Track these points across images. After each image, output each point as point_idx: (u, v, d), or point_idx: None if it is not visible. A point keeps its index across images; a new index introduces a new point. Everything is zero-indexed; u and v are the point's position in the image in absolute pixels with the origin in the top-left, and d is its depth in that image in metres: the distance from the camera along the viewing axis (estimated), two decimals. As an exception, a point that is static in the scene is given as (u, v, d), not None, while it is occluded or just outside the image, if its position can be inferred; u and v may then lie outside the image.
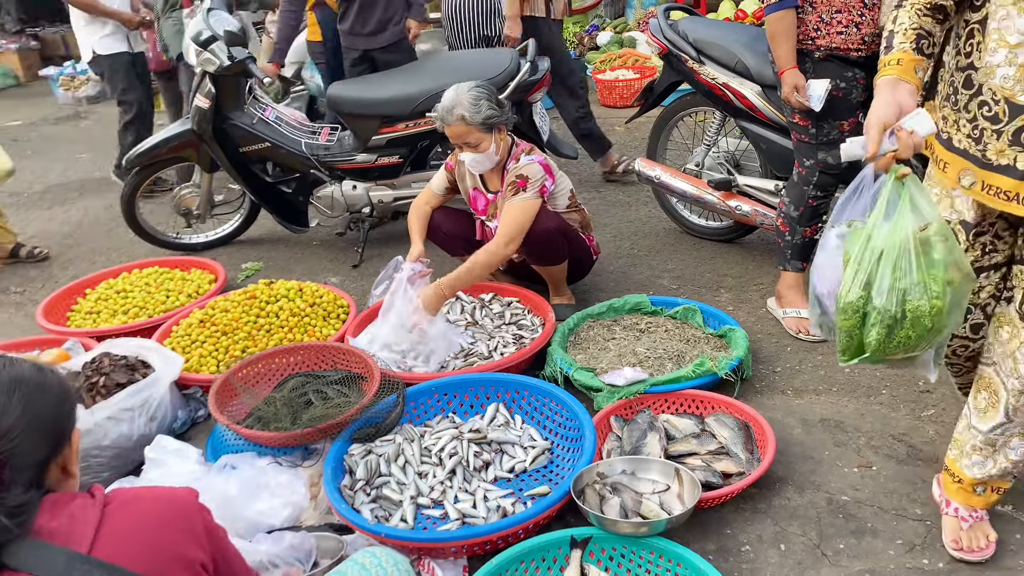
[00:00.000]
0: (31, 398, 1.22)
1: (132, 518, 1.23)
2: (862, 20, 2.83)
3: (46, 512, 1.18)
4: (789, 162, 3.21)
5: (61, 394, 1.29)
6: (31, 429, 1.20)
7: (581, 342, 3.05)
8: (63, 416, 1.28)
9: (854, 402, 2.70)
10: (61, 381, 1.31)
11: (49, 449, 1.23)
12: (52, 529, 1.16)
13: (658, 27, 3.67)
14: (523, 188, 3.07)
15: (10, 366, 1.25)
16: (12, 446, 1.17)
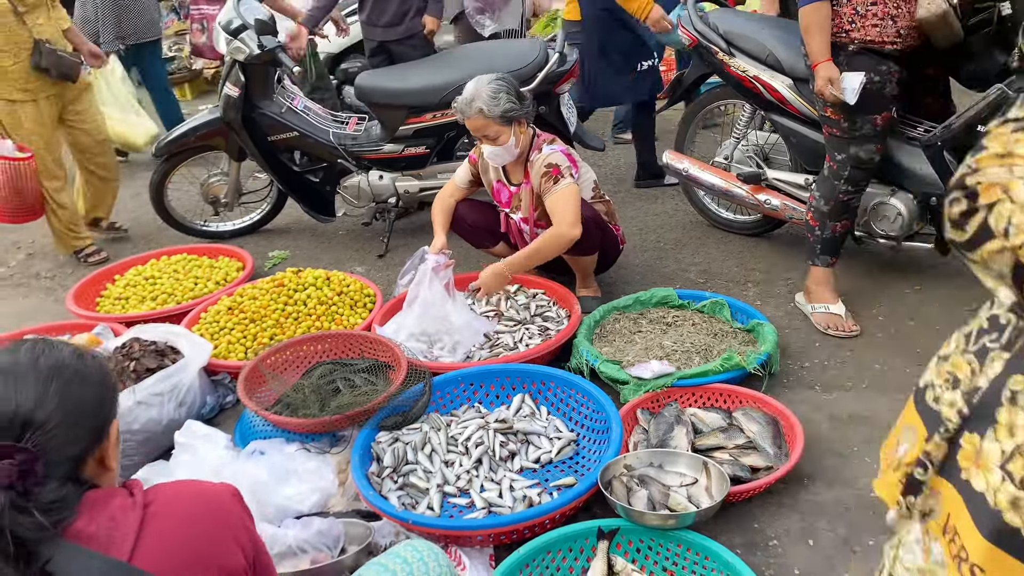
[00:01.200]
0: (70, 387, 1.16)
1: (173, 524, 1.17)
2: (898, 12, 2.79)
3: (85, 515, 1.12)
4: (819, 156, 3.17)
5: (102, 384, 1.23)
6: (69, 420, 1.14)
7: (607, 335, 3.04)
8: (103, 407, 1.21)
9: (883, 398, 2.68)
10: (102, 369, 1.25)
11: (88, 442, 1.17)
12: (91, 533, 1.10)
13: (688, 19, 3.64)
14: (558, 176, 3.07)
15: (48, 352, 1.19)
16: (47, 439, 1.11)
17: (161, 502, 1.19)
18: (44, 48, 3.98)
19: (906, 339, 2.99)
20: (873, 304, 3.24)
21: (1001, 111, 2.80)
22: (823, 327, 3.08)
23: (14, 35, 3.93)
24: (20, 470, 1.05)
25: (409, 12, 4.45)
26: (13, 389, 1.12)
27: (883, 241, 3.25)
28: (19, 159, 4.00)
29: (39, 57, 3.97)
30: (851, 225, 3.13)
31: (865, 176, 3.01)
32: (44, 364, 1.16)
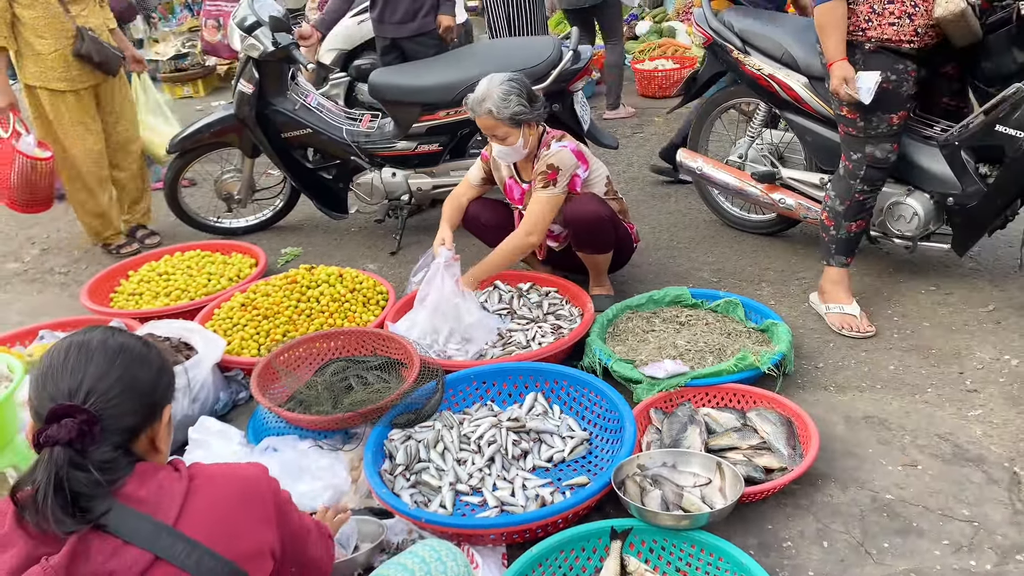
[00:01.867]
0: (131, 366, 1.30)
1: (213, 496, 1.29)
2: (915, 11, 2.77)
3: (135, 480, 1.24)
4: (835, 155, 3.15)
5: (160, 369, 1.36)
6: (127, 394, 1.27)
7: (620, 333, 3.03)
8: (159, 390, 1.34)
9: (898, 400, 2.66)
10: (163, 358, 1.39)
11: (141, 418, 1.30)
12: (141, 497, 1.22)
13: (703, 17, 3.62)
14: (553, 181, 3.07)
15: (118, 335, 1.34)
16: (107, 406, 1.24)
17: (204, 478, 1.32)
18: (87, 35, 4.05)
19: (921, 340, 2.97)
20: (888, 305, 3.22)
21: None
22: (838, 327, 3.06)
23: (57, 21, 4.01)
24: (80, 429, 1.18)
25: (422, 9, 4.43)
26: (84, 361, 1.27)
27: (899, 241, 3.23)
28: (38, 159, 4.04)
29: (81, 44, 4.04)
30: (866, 225, 3.11)
31: (881, 175, 2.99)
32: (113, 343, 1.31)
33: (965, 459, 2.37)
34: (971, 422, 2.53)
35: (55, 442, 1.17)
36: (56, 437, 1.17)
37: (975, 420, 2.53)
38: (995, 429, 2.48)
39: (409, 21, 4.43)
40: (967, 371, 2.77)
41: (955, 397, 2.65)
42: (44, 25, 3.98)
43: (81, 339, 1.31)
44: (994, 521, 2.13)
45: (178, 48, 8.60)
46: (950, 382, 2.73)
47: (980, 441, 2.44)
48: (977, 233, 3.07)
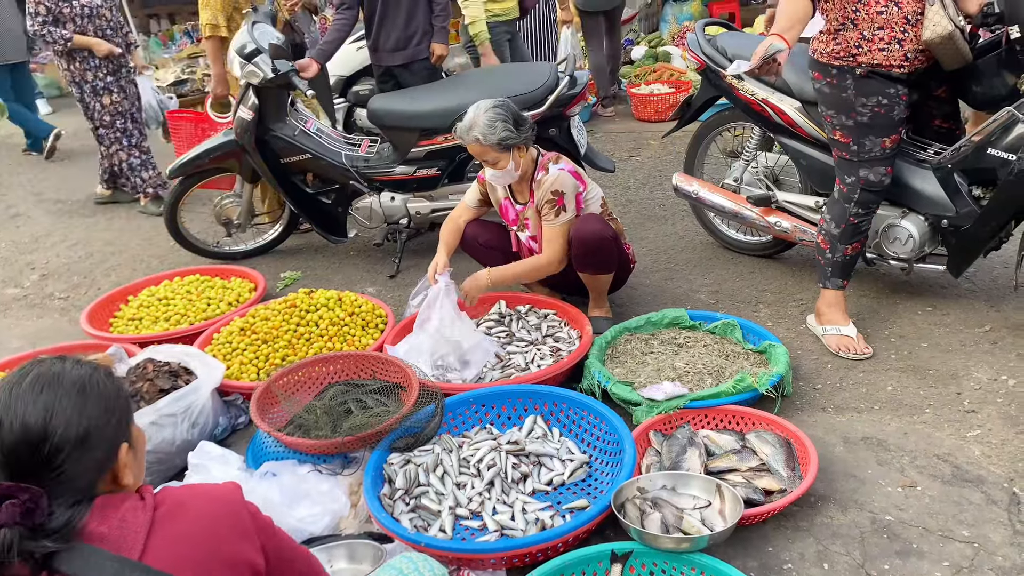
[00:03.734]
0: (98, 407, 1.20)
1: (181, 522, 1.21)
2: (904, 36, 2.81)
3: (96, 515, 1.15)
4: (829, 178, 3.18)
5: (120, 408, 1.25)
6: (89, 443, 1.17)
7: (619, 355, 3.05)
8: (120, 428, 1.24)
9: (897, 420, 2.67)
10: (122, 390, 1.28)
11: (99, 466, 1.20)
12: (102, 534, 1.14)
13: (696, 42, 3.67)
14: (562, 207, 3.11)
15: (82, 369, 1.23)
16: (58, 473, 1.15)
17: (170, 504, 1.22)
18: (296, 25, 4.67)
19: (919, 361, 2.98)
20: (885, 326, 3.24)
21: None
22: (835, 349, 3.07)
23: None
24: (25, 509, 1.08)
25: (414, 37, 4.47)
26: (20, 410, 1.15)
27: (895, 263, 3.25)
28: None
29: (291, 33, 4.63)
30: (862, 248, 3.13)
31: (875, 198, 3.02)
32: (80, 382, 1.21)
33: (964, 480, 2.37)
34: (970, 443, 2.53)
35: (2, 524, 1.07)
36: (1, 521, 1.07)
37: (974, 441, 2.54)
38: (994, 450, 2.48)
39: (401, 49, 4.48)
40: (965, 391, 2.78)
41: (953, 418, 2.66)
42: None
43: (46, 371, 1.21)
44: (994, 542, 2.13)
45: (178, 74, 8.67)
46: (948, 403, 2.73)
47: (979, 462, 2.44)
48: (972, 254, 3.09)
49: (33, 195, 6.35)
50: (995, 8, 2.86)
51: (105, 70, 5.32)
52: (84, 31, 5.22)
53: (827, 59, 2.92)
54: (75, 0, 5.17)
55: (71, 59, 5.27)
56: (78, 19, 5.20)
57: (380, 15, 4.40)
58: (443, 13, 4.46)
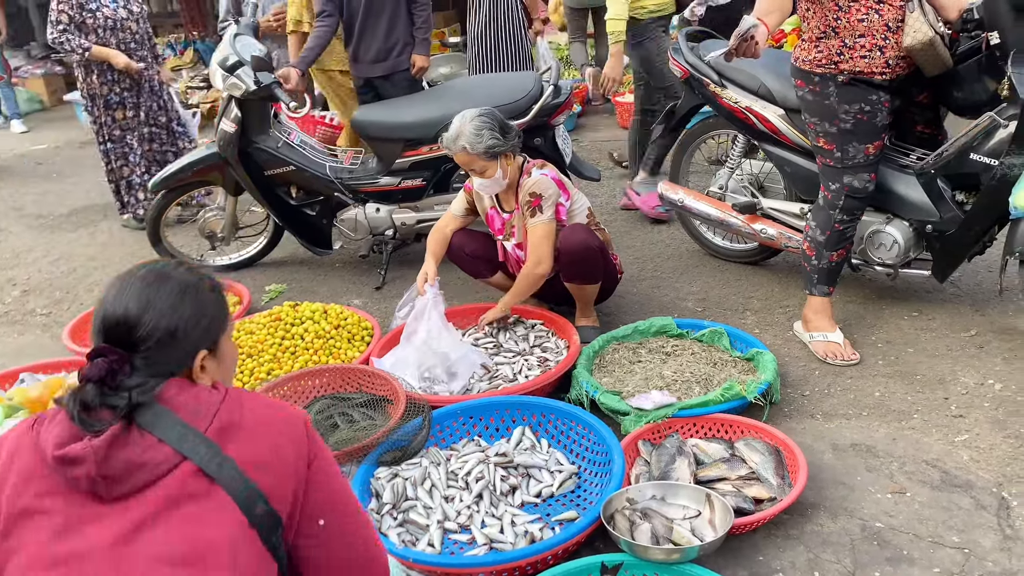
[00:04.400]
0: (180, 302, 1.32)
1: (248, 416, 1.31)
2: (885, 44, 2.83)
3: (175, 386, 1.28)
4: (814, 185, 3.19)
5: (205, 309, 1.36)
6: (164, 339, 1.29)
7: (606, 365, 3.03)
8: (198, 331, 1.34)
9: (885, 426, 2.67)
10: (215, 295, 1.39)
11: (177, 359, 1.32)
12: (179, 403, 1.27)
13: (679, 51, 3.68)
14: (538, 207, 3.10)
15: (172, 270, 1.36)
16: (143, 355, 1.28)
17: (243, 398, 1.34)
18: None
19: (905, 366, 2.99)
20: (872, 331, 3.24)
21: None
22: (822, 355, 3.07)
23: None
24: (111, 368, 1.24)
25: (394, 49, 4.47)
26: (127, 296, 1.30)
27: (880, 269, 3.26)
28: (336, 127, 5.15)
29: None
30: (847, 254, 3.14)
31: (860, 205, 3.03)
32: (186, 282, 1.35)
33: (953, 485, 2.37)
34: (958, 447, 2.53)
35: (87, 379, 1.23)
36: (88, 375, 1.23)
37: (962, 445, 2.54)
38: (982, 454, 2.49)
39: (382, 60, 4.47)
40: (952, 396, 2.79)
41: (941, 423, 2.66)
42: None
43: (130, 274, 1.35)
44: (984, 548, 2.13)
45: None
46: (936, 408, 2.74)
47: (968, 467, 2.44)
48: (957, 259, 3.11)
49: (14, 210, 6.29)
50: (975, 14, 2.88)
51: (122, 84, 5.16)
52: (106, 43, 5.04)
53: (809, 66, 2.93)
54: (99, 11, 5.02)
55: (88, 71, 5.13)
56: (101, 30, 5.02)
57: (360, 27, 4.40)
58: (424, 25, 4.46)
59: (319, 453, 1.36)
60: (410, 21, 4.44)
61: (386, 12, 4.36)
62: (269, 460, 1.28)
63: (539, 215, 3.12)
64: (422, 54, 4.51)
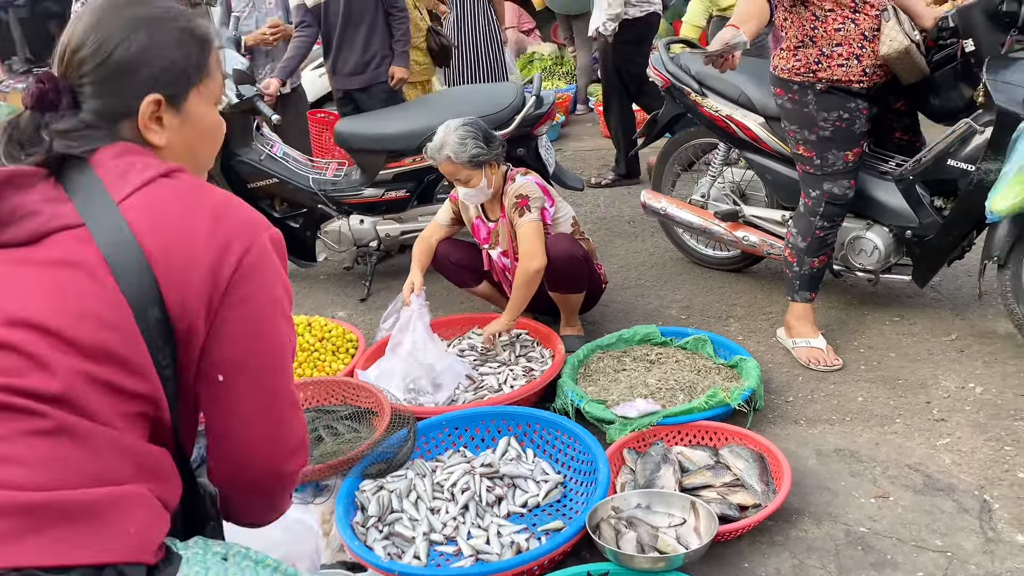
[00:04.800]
0: (125, 36, 1.12)
1: (178, 202, 1.09)
2: (862, 52, 2.86)
3: (117, 150, 1.10)
4: (795, 192, 3.22)
5: (166, 50, 1.15)
6: (104, 70, 1.11)
7: (591, 374, 3.04)
8: (150, 72, 1.14)
9: (868, 431, 2.68)
10: (195, 38, 1.19)
11: (119, 101, 1.12)
12: (111, 166, 1.09)
13: (660, 61, 3.71)
14: (525, 207, 3.12)
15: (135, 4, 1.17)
16: (80, 82, 1.12)
17: (201, 186, 1.12)
18: (439, 29, 4.89)
19: (888, 371, 3.01)
20: (854, 337, 3.27)
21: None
22: (805, 361, 3.09)
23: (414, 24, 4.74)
24: (41, 93, 1.09)
25: (372, 62, 4.49)
26: (83, 21, 1.14)
27: (861, 274, 3.29)
28: None
29: (435, 37, 4.96)
30: (829, 260, 3.16)
31: (840, 211, 3.05)
32: (133, 5, 1.16)
33: (936, 489, 2.39)
34: (940, 451, 2.55)
35: (26, 107, 1.11)
36: (25, 102, 1.11)
37: (944, 449, 2.56)
38: (964, 457, 2.50)
39: (360, 73, 4.49)
40: (934, 400, 2.81)
41: (923, 427, 2.68)
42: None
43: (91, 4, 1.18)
44: (966, 551, 2.14)
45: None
46: (918, 412, 2.76)
47: (950, 470, 2.46)
48: (936, 264, 3.14)
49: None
50: (950, 22, 2.92)
51: None
52: None
53: (788, 75, 2.96)
54: None
55: None
56: None
57: (338, 40, 4.43)
58: (403, 38, 4.50)
59: (262, 283, 1.10)
60: (388, 33, 4.46)
61: (364, 25, 4.39)
62: (186, 260, 1.05)
63: (528, 214, 3.12)
64: (401, 66, 4.53)
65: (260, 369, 1.12)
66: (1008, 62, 2.80)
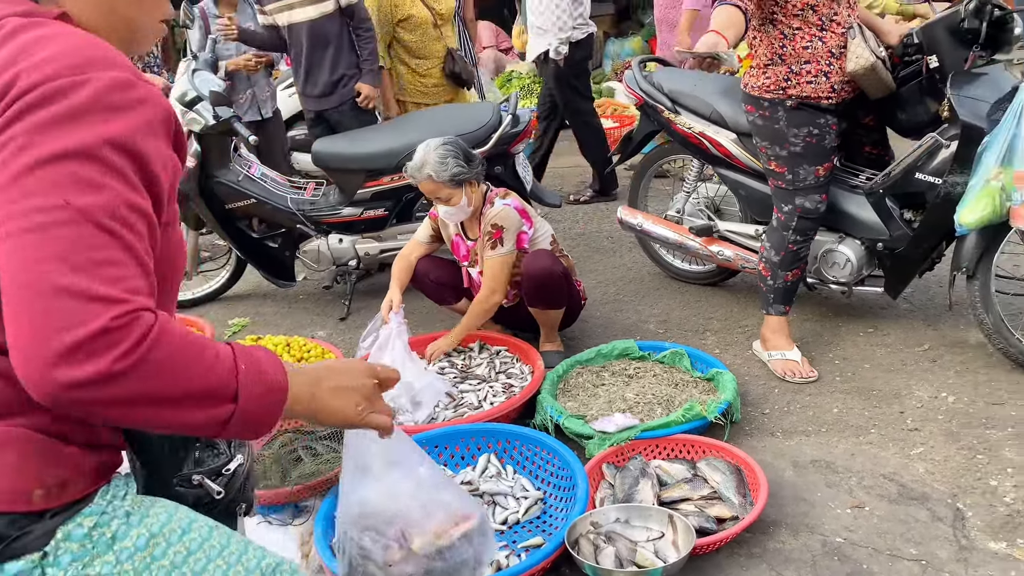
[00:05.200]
0: None
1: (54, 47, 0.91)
2: (830, 69, 2.92)
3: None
4: (768, 207, 3.26)
5: None
6: None
7: (571, 389, 3.06)
8: None
9: (843, 442, 2.71)
10: None
11: None
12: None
13: (633, 79, 3.76)
14: (499, 240, 3.14)
15: None
16: None
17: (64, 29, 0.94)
18: (456, 54, 4.70)
19: (862, 382, 3.05)
20: (829, 348, 3.31)
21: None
22: (781, 373, 3.12)
23: (432, 43, 4.74)
24: None
25: (340, 81, 4.53)
26: None
27: (835, 287, 3.33)
28: None
29: (452, 63, 4.80)
30: (802, 273, 3.21)
31: (812, 225, 3.10)
32: None
33: (910, 498, 2.42)
34: (914, 460, 2.59)
35: None
36: None
37: (918, 458, 2.59)
38: (937, 466, 2.54)
39: (329, 94, 4.54)
40: (907, 410, 2.85)
41: (897, 436, 2.71)
42: (420, 46, 4.71)
43: None
44: (940, 559, 2.17)
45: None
46: (892, 422, 2.79)
47: (923, 479, 2.49)
48: (908, 276, 3.19)
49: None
50: (914, 39, 3.00)
51: None
52: None
53: (758, 92, 3.01)
54: None
55: None
56: None
57: (306, 63, 4.49)
58: (371, 57, 4.55)
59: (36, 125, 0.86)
60: (355, 54, 4.50)
61: (331, 46, 4.44)
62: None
63: (500, 248, 3.16)
64: (368, 83, 4.56)
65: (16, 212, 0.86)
66: (971, 77, 2.87)
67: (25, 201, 0.84)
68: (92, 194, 0.86)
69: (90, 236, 0.85)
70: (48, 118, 0.86)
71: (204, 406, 0.91)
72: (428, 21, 4.68)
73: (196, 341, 0.92)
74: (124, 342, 0.83)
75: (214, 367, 0.92)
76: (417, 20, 4.66)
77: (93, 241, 0.85)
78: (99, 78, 0.88)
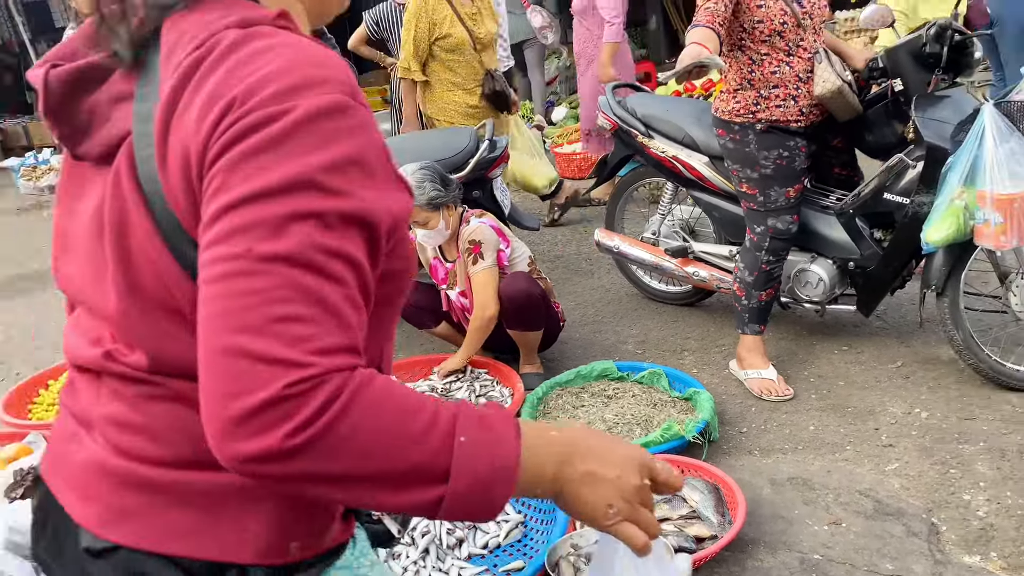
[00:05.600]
0: None
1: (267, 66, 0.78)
2: (798, 93, 2.99)
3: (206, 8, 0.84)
4: (741, 228, 3.32)
5: None
6: None
7: (551, 411, 3.08)
8: None
9: (820, 459, 2.75)
10: None
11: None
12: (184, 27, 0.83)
13: (607, 104, 3.82)
14: (479, 254, 3.17)
15: None
16: None
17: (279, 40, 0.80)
18: (496, 74, 4.66)
19: (837, 399, 3.09)
20: (804, 367, 3.35)
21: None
22: (757, 392, 3.16)
23: (471, 63, 4.61)
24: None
25: None
26: None
27: (808, 306, 3.38)
28: None
29: (491, 83, 4.65)
30: (776, 293, 3.26)
31: (785, 246, 3.16)
32: None
33: (886, 514, 2.45)
34: (889, 476, 2.62)
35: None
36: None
37: (892, 474, 2.63)
38: (912, 482, 2.58)
39: None
40: (882, 426, 2.89)
41: (872, 453, 2.75)
42: (458, 65, 4.58)
43: None
44: (916, 573, 2.20)
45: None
46: (867, 438, 2.83)
47: (899, 495, 2.53)
48: (879, 294, 3.25)
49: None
50: (879, 63, 3.08)
51: None
52: None
53: (729, 116, 3.08)
54: None
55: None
56: None
57: None
58: None
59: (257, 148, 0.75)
60: None
61: None
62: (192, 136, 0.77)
63: (481, 262, 3.19)
64: None
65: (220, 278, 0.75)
66: (934, 100, 2.95)
67: (212, 250, 0.75)
68: (279, 240, 0.73)
69: (274, 288, 0.72)
70: (247, 151, 0.74)
71: (404, 488, 0.75)
72: (467, 43, 4.57)
73: (405, 406, 0.77)
74: (299, 414, 0.70)
75: (422, 440, 0.75)
76: (455, 40, 4.54)
77: (275, 295, 0.72)
78: (308, 104, 0.76)
